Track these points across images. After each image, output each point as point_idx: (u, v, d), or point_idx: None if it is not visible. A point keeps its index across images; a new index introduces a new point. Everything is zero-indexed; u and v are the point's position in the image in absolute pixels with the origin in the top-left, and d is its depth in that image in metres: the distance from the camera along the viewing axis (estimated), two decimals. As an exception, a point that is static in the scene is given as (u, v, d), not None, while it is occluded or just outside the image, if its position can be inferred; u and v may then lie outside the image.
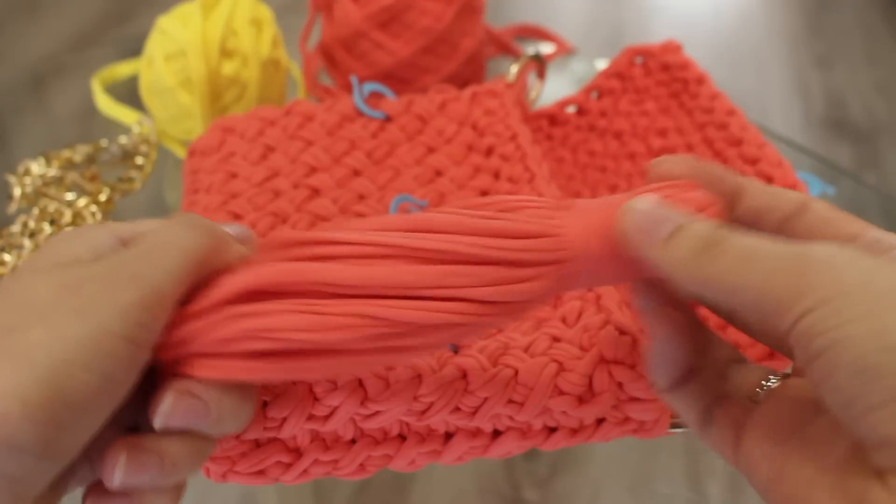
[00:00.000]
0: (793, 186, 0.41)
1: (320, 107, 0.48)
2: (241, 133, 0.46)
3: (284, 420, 0.30)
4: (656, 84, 0.53)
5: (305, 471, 0.33)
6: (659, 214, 0.24)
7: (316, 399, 0.31)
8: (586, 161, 0.54)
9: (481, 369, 0.32)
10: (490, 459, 0.35)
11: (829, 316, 0.20)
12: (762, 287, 0.21)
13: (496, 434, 0.33)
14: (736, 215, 0.27)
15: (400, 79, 0.62)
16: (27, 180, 0.60)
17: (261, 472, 0.33)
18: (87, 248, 0.25)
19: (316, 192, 0.44)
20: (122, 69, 0.71)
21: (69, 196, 0.58)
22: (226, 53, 0.59)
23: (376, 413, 0.32)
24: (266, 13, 0.63)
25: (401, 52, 0.61)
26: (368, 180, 0.45)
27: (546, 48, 0.76)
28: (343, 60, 0.64)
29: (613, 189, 0.51)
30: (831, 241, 0.22)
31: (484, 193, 0.44)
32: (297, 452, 0.33)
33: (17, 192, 0.59)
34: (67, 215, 0.56)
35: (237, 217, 0.42)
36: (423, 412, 0.32)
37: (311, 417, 0.31)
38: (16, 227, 0.55)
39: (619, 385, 0.32)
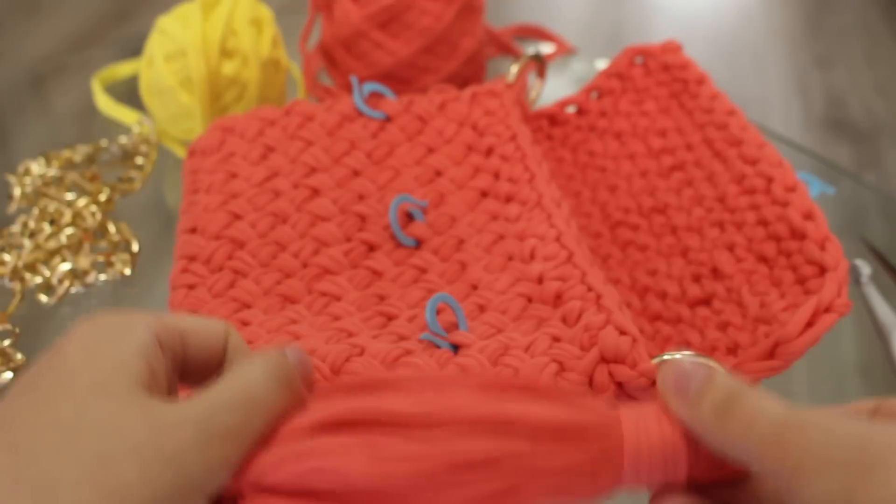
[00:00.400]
0: (792, 187, 0.41)
1: (320, 107, 0.48)
2: (241, 133, 0.46)
3: None
4: (656, 84, 0.53)
5: None
6: (688, 367, 0.26)
7: None
8: (586, 161, 0.54)
9: (481, 369, 0.32)
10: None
11: (799, 480, 0.21)
12: (759, 451, 0.23)
13: None
14: None
15: (400, 79, 0.62)
16: (27, 180, 0.59)
17: None
18: (139, 357, 0.24)
19: (316, 192, 0.44)
20: (122, 69, 0.71)
21: (69, 196, 0.58)
22: (226, 53, 0.59)
23: None
24: (266, 13, 0.63)
25: (401, 52, 0.61)
26: (368, 180, 0.45)
27: (546, 48, 0.76)
28: (343, 60, 0.64)
29: (613, 189, 0.51)
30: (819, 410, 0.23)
31: (484, 194, 0.44)
32: None
33: (17, 192, 0.59)
34: (67, 215, 0.56)
35: (237, 217, 0.42)
36: None
37: None
38: (16, 227, 0.55)
39: (619, 385, 0.33)
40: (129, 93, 0.67)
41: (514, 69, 0.51)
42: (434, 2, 0.61)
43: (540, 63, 0.54)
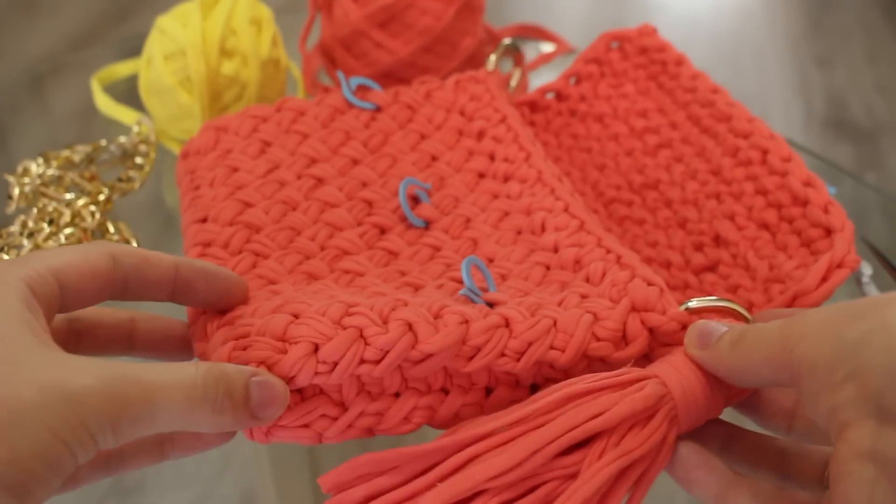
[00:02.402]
0: (788, 157, 0.42)
1: (310, 102, 0.48)
2: (234, 131, 0.46)
3: (336, 364, 0.30)
4: (634, 67, 0.54)
5: (351, 425, 0.33)
6: (711, 327, 0.32)
7: (367, 343, 0.31)
8: (571, 144, 0.55)
9: (522, 318, 0.33)
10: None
11: (801, 336, 0.26)
12: (769, 349, 0.27)
13: (534, 388, 0.35)
14: None
15: (400, 78, 0.62)
16: (26, 180, 0.59)
17: (306, 426, 0.32)
18: (22, 305, 0.26)
19: (320, 181, 0.43)
20: (122, 69, 0.71)
21: (68, 196, 0.58)
22: (225, 53, 0.59)
23: (426, 357, 0.32)
24: (266, 13, 0.63)
25: (400, 52, 0.61)
26: (368, 168, 0.45)
27: (546, 48, 0.76)
28: (343, 60, 0.64)
29: (602, 168, 0.52)
30: None
31: (481, 175, 0.45)
32: (343, 406, 0.33)
33: (15, 192, 0.58)
34: (66, 215, 0.56)
35: (248, 205, 0.41)
36: (471, 357, 0.32)
37: (362, 361, 0.31)
38: (15, 228, 0.55)
39: (651, 330, 0.34)
40: (128, 93, 0.67)
41: (492, 58, 0.53)
42: (434, 1, 0.61)
43: (516, 51, 0.55)
